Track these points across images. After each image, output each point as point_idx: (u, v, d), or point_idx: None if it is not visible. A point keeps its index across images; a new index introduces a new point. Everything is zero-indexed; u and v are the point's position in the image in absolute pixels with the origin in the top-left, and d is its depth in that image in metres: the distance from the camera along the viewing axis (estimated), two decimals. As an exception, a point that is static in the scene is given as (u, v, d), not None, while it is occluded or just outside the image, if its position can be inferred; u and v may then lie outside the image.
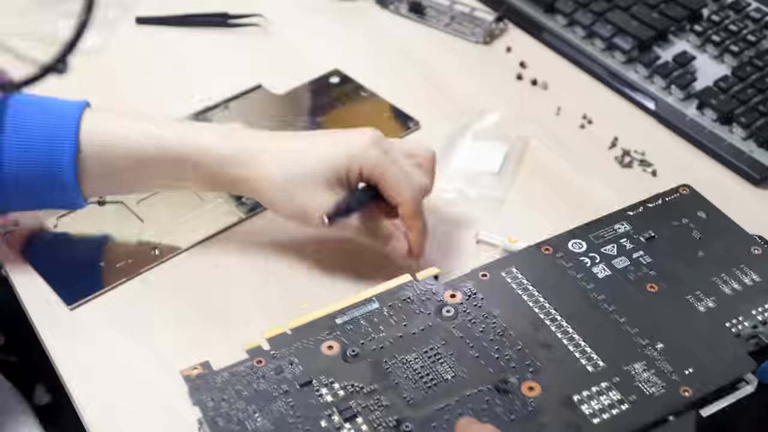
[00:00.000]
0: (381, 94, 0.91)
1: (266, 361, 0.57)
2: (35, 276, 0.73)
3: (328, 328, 0.60)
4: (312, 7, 1.01)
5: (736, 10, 0.94)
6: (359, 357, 0.58)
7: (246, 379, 0.56)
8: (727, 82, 0.87)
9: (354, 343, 0.59)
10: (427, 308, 0.61)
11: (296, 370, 0.57)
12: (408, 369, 0.57)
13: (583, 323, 0.59)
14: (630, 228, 0.66)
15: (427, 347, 0.58)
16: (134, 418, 0.64)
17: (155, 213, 0.78)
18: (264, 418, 0.54)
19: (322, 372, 0.57)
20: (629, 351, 0.57)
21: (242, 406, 0.55)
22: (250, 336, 0.60)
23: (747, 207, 0.80)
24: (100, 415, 0.64)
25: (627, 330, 0.59)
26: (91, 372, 0.67)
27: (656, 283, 0.62)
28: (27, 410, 0.80)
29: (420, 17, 1.00)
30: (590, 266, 0.63)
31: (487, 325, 0.60)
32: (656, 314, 0.60)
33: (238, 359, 0.59)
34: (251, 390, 0.56)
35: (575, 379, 0.56)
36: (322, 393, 0.56)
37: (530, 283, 0.62)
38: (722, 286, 0.61)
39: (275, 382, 0.56)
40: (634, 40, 0.92)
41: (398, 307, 0.61)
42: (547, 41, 0.97)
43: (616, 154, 0.85)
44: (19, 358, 0.86)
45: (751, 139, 0.83)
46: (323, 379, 0.56)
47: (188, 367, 0.58)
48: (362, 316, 0.60)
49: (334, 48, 0.97)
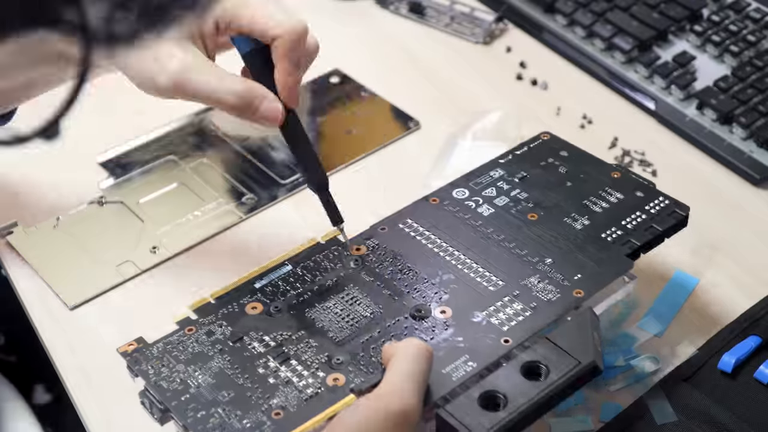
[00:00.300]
0: (381, 94, 0.91)
1: (196, 329, 0.61)
2: (35, 276, 0.73)
3: (249, 293, 0.63)
4: (312, 6, 1.01)
5: (736, 10, 0.94)
6: (282, 312, 0.62)
7: (180, 346, 0.60)
8: (727, 82, 0.87)
9: (276, 301, 0.63)
10: (336, 263, 0.65)
11: (226, 331, 0.61)
12: (329, 314, 0.62)
13: (479, 253, 0.65)
14: (504, 172, 0.72)
15: (343, 293, 0.63)
16: (134, 417, 0.64)
17: (155, 213, 0.78)
18: (204, 374, 0.58)
19: (251, 329, 0.61)
20: (523, 269, 0.64)
21: (182, 368, 0.58)
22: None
23: (747, 207, 0.80)
24: (100, 415, 0.64)
25: (518, 253, 0.65)
26: (90, 372, 0.67)
27: (535, 212, 0.69)
28: (26, 410, 0.80)
29: (420, 17, 1.00)
30: (475, 208, 0.69)
31: (395, 267, 0.65)
32: (540, 237, 0.66)
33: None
34: (187, 354, 0.59)
35: (481, 299, 0.62)
36: (254, 346, 0.60)
37: (425, 229, 0.68)
38: (592, 206, 0.69)
39: (209, 344, 0.60)
40: (634, 40, 0.92)
41: (310, 266, 0.65)
42: (547, 41, 0.97)
43: (616, 154, 0.85)
44: (19, 358, 0.86)
45: (751, 139, 0.83)
46: (253, 335, 0.60)
47: (123, 344, 0.60)
48: (278, 278, 0.64)
49: (334, 48, 0.97)
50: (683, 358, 0.68)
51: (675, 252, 0.76)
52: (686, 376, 0.66)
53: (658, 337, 0.70)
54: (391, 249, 0.66)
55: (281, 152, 0.84)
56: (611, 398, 0.66)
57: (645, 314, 0.71)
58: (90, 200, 0.79)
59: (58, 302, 0.71)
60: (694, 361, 0.67)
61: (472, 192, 0.71)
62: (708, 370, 0.67)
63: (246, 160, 0.83)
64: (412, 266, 0.65)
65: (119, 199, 0.79)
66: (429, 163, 0.83)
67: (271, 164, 0.83)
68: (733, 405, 0.64)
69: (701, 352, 0.68)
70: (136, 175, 0.82)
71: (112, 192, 0.80)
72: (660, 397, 0.65)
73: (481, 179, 0.72)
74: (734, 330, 0.69)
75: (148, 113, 0.85)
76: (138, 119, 0.86)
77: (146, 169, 0.82)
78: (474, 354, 0.58)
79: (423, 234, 0.67)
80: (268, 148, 0.84)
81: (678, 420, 0.63)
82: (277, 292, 0.63)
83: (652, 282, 0.73)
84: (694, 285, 0.73)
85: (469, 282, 0.63)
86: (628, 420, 0.64)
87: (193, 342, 0.60)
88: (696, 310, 0.72)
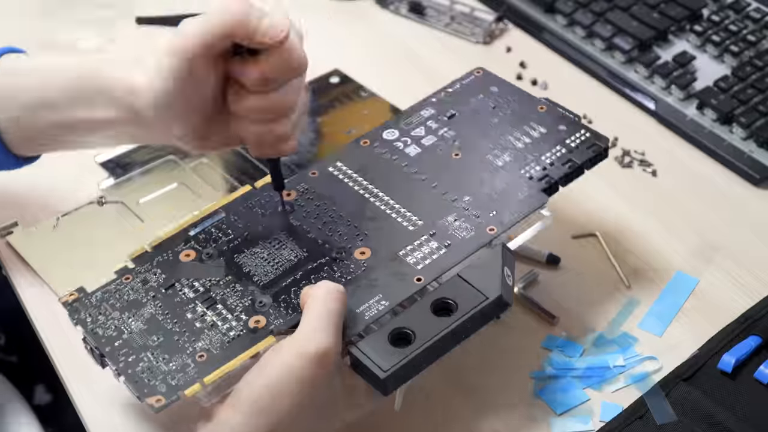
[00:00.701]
0: (381, 94, 0.91)
1: (133, 277, 0.64)
2: (35, 276, 0.73)
3: (184, 240, 0.66)
4: (312, 6, 1.01)
5: (736, 10, 0.94)
6: (214, 258, 0.64)
7: (117, 294, 0.63)
8: (727, 82, 0.87)
9: (207, 248, 0.65)
10: (267, 209, 0.67)
11: (160, 279, 0.63)
12: (257, 258, 0.64)
13: (401, 194, 0.68)
14: (434, 111, 0.74)
15: (271, 238, 0.65)
16: (134, 417, 0.64)
17: (155, 213, 0.78)
18: (137, 321, 0.61)
19: (183, 276, 0.63)
20: (442, 208, 0.66)
21: (117, 316, 0.61)
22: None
23: (747, 207, 0.80)
24: (100, 415, 0.64)
25: (438, 192, 0.67)
26: (91, 372, 0.67)
27: (460, 151, 0.70)
28: (27, 410, 0.80)
29: (420, 17, 1.00)
30: (403, 148, 0.71)
31: (321, 211, 0.67)
32: (462, 176, 0.69)
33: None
34: (123, 302, 0.62)
35: (399, 239, 0.64)
36: (185, 291, 0.62)
37: (353, 172, 0.70)
38: (515, 142, 0.70)
39: (143, 291, 0.63)
40: (634, 40, 0.92)
41: (242, 212, 0.67)
42: (547, 41, 0.97)
43: (616, 154, 0.85)
44: (20, 358, 0.86)
45: (751, 139, 0.83)
46: (184, 281, 0.63)
47: (65, 294, 0.63)
48: (212, 225, 0.67)
49: (334, 48, 0.97)
50: (683, 358, 0.68)
51: (675, 252, 0.76)
52: (686, 376, 0.66)
53: (658, 337, 0.70)
54: (320, 193, 0.68)
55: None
56: (611, 398, 0.66)
57: (645, 314, 0.71)
58: (90, 200, 0.79)
59: (58, 302, 0.71)
60: (694, 361, 0.67)
61: (401, 132, 0.72)
62: (708, 370, 0.67)
63: (246, 160, 0.83)
64: (338, 209, 0.67)
65: (119, 199, 0.79)
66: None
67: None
68: (733, 405, 0.64)
69: (701, 352, 0.68)
70: (136, 175, 0.82)
71: (111, 192, 0.80)
72: (660, 397, 0.65)
73: (412, 119, 0.73)
74: (734, 330, 0.69)
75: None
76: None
77: (146, 169, 0.82)
78: (387, 293, 0.61)
79: (351, 177, 0.69)
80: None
81: (678, 420, 0.63)
82: (210, 239, 0.66)
83: (652, 282, 0.73)
84: (694, 285, 0.73)
85: (390, 223, 0.66)
86: (628, 420, 0.64)
87: (128, 290, 0.63)
88: (696, 310, 0.72)
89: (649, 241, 0.77)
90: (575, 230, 0.78)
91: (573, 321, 0.71)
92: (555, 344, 0.69)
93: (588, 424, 0.64)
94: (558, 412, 0.65)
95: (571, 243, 0.77)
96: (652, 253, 0.76)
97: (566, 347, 0.69)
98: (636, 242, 0.77)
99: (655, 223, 0.78)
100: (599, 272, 0.74)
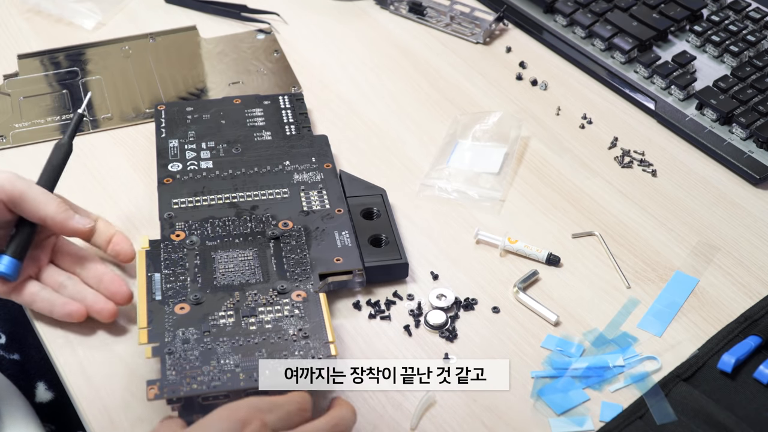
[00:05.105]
0: (381, 94, 0.91)
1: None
2: (36, 275, 0.73)
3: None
4: (312, 6, 1.01)
5: (736, 10, 0.94)
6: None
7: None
8: (727, 82, 0.87)
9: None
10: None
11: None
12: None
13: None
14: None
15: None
16: (134, 416, 0.64)
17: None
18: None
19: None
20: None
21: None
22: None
23: (747, 207, 0.80)
24: (101, 413, 0.65)
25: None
26: (91, 370, 0.67)
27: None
28: (28, 408, 0.80)
29: (420, 17, 1.00)
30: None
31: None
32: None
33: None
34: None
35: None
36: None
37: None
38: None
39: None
40: (634, 40, 0.92)
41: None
42: (547, 41, 0.97)
43: (616, 154, 0.85)
44: (21, 357, 0.86)
45: (751, 139, 0.83)
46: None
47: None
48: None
49: (334, 48, 0.97)
50: (683, 358, 0.68)
51: (675, 252, 0.76)
52: (686, 376, 0.66)
53: (657, 337, 0.70)
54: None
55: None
56: (611, 398, 0.66)
57: (645, 314, 0.71)
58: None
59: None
60: (694, 361, 0.67)
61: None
62: (708, 370, 0.67)
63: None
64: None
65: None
66: (429, 163, 0.83)
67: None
68: (732, 405, 0.65)
69: (701, 352, 0.68)
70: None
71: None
72: (660, 397, 0.65)
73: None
74: (734, 330, 0.69)
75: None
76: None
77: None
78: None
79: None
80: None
81: (678, 420, 0.64)
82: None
83: (651, 282, 0.74)
84: (694, 285, 0.73)
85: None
86: (628, 420, 0.64)
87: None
88: (696, 310, 0.72)
89: (648, 241, 0.77)
90: (575, 230, 0.78)
91: (573, 321, 0.71)
92: (555, 344, 0.69)
93: (588, 424, 0.64)
94: (558, 412, 0.65)
95: (571, 243, 0.77)
96: (652, 253, 0.76)
97: (566, 347, 0.69)
98: (636, 242, 0.77)
99: (655, 223, 0.78)
100: (599, 272, 0.75)
